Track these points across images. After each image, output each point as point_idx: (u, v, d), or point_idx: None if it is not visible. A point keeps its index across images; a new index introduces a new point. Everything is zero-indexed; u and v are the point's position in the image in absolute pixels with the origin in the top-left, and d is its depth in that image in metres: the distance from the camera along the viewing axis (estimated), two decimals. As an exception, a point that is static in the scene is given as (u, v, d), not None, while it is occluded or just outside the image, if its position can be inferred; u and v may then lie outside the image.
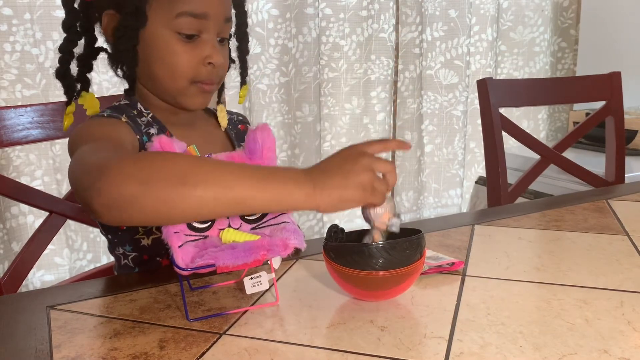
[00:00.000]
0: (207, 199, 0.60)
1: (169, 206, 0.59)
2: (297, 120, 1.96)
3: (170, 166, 0.60)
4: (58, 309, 0.71)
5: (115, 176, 0.58)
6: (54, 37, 1.59)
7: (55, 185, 1.66)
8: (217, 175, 0.61)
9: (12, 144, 0.98)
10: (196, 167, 0.61)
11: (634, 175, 1.84)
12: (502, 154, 1.41)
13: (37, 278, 1.69)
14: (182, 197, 0.59)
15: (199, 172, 0.60)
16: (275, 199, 0.62)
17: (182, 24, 0.78)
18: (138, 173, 0.59)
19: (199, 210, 0.60)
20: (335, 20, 1.97)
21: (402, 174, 2.17)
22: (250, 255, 0.64)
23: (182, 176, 0.59)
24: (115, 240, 0.88)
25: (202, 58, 0.80)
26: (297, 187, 0.62)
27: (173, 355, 0.59)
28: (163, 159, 0.61)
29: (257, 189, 0.61)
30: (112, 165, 0.60)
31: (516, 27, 2.30)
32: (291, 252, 0.66)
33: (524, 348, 0.58)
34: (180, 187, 0.59)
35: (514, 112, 2.33)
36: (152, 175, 0.59)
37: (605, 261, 0.82)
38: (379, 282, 0.67)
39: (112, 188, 0.58)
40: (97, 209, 0.59)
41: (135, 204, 0.58)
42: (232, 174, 0.62)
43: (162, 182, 0.59)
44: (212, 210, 0.61)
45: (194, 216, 0.62)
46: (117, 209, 0.59)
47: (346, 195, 0.63)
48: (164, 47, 0.79)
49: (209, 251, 0.64)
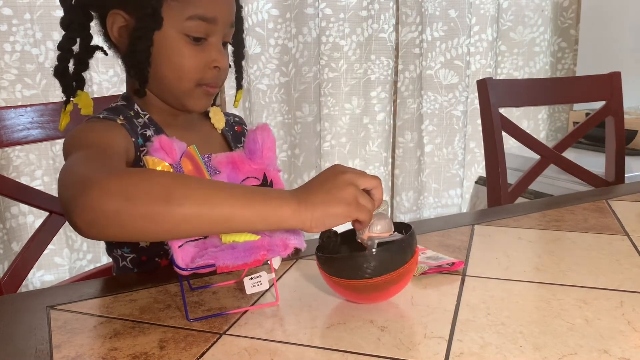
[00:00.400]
0: (191, 216, 0.59)
1: (152, 223, 0.58)
2: (297, 120, 1.96)
3: (154, 182, 0.60)
4: (58, 309, 0.71)
5: (99, 192, 0.58)
6: (54, 37, 1.59)
7: (55, 186, 1.66)
8: (201, 192, 0.60)
9: (12, 144, 0.98)
10: (181, 184, 0.60)
11: (634, 175, 1.84)
12: (502, 154, 1.41)
13: (37, 278, 1.69)
14: (165, 214, 0.58)
15: (184, 189, 0.60)
16: (260, 216, 0.61)
17: (192, 27, 0.79)
18: (122, 189, 0.58)
19: (182, 227, 0.60)
20: (335, 20, 1.97)
21: (402, 174, 2.17)
22: (250, 256, 0.64)
23: (167, 193, 0.59)
24: (113, 242, 0.88)
25: (209, 61, 0.81)
26: (282, 204, 0.62)
27: (173, 355, 0.59)
28: (149, 176, 0.61)
29: (242, 207, 0.61)
30: (97, 180, 0.59)
31: (516, 27, 2.30)
32: (291, 252, 0.67)
33: (524, 348, 0.58)
34: (164, 204, 0.58)
35: (514, 112, 2.33)
36: (136, 191, 0.58)
37: (605, 261, 0.82)
38: (372, 288, 0.66)
39: (95, 204, 0.57)
40: (78, 224, 0.58)
41: (117, 220, 0.58)
42: (216, 191, 0.61)
43: (146, 198, 0.58)
44: (197, 227, 0.60)
45: (178, 233, 0.61)
46: (98, 225, 0.58)
47: (330, 210, 0.62)
48: (172, 48, 0.80)
49: (209, 251, 0.64)
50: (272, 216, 0.62)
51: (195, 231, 0.62)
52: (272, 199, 0.62)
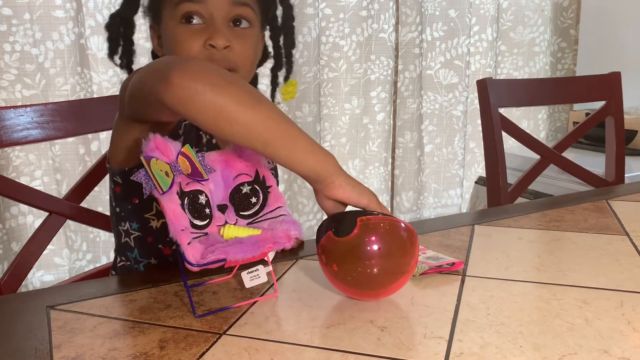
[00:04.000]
0: (268, 119, 0.67)
1: (237, 105, 0.66)
2: (296, 120, 1.96)
3: (245, 84, 0.70)
4: (58, 309, 0.71)
5: (202, 64, 0.68)
6: (54, 37, 1.58)
7: (55, 186, 1.66)
8: (279, 112, 0.69)
9: (12, 144, 0.98)
10: (265, 97, 0.70)
11: (634, 175, 1.84)
12: (502, 154, 1.41)
13: (36, 278, 1.69)
14: (255, 105, 0.67)
15: (268, 101, 0.69)
16: (314, 151, 0.70)
17: (181, 9, 0.80)
18: (222, 73, 0.68)
19: (255, 125, 0.67)
20: (335, 20, 1.97)
21: (402, 174, 2.17)
22: (257, 249, 0.66)
23: (258, 96, 0.68)
24: (123, 214, 0.86)
25: (204, 41, 0.80)
26: (332, 158, 0.71)
27: (173, 355, 0.59)
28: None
29: (304, 137, 0.70)
30: (194, 60, 0.70)
31: (516, 27, 2.30)
32: (294, 243, 0.69)
33: (524, 348, 0.58)
34: (252, 98, 0.67)
35: (514, 112, 2.33)
36: (233, 79, 0.68)
37: (605, 261, 0.82)
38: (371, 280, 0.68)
39: (196, 72, 0.65)
40: (174, 79, 0.64)
41: (210, 95, 0.64)
42: (289, 119, 0.71)
43: (242, 88, 0.68)
44: (264, 133, 0.67)
45: (245, 128, 0.67)
46: (192, 91, 0.64)
47: (362, 185, 0.72)
48: (171, 38, 0.82)
49: (218, 246, 0.65)
50: (322, 157, 0.71)
51: (260, 134, 0.67)
52: (325, 149, 0.72)
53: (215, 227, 0.69)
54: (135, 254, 0.86)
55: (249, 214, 0.74)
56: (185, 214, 0.66)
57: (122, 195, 0.85)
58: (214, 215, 0.70)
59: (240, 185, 0.76)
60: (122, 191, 0.84)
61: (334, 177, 0.71)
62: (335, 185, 0.71)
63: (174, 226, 0.63)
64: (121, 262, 0.89)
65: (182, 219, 0.64)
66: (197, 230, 0.66)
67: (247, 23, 0.83)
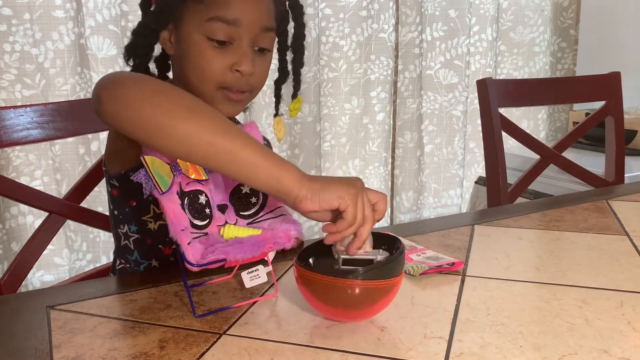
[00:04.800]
0: (204, 131, 0.63)
1: (169, 119, 0.63)
2: (296, 120, 1.96)
3: (184, 93, 0.67)
4: (58, 309, 0.71)
5: (135, 77, 0.66)
6: (54, 37, 1.58)
7: (55, 186, 1.66)
8: (222, 121, 0.65)
9: (12, 144, 0.98)
10: (206, 107, 0.66)
11: (634, 175, 1.84)
12: (502, 154, 1.41)
13: (36, 278, 1.69)
14: (186, 118, 0.63)
15: (209, 110, 0.66)
16: (264, 165, 0.64)
17: (213, 28, 0.77)
18: (155, 83, 0.66)
19: (190, 139, 0.63)
20: (335, 20, 1.97)
21: (402, 174, 2.17)
22: (258, 249, 0.66)
23: (194, 104, 0.65)
24: (121, 217, 0.86)
25: (231, 64, 0.78)
26: (289, 166, 0.65)
27: (173, 355, 0.59)
28: (179, 90, 0.68)
29: (250, 148, 0.64)
30: (132, 73, 0.68)
31: (516, 27, 2.30)
32: (294, 243, 0.69)
33: (524, 348, 0.58)
34: (187, 109, 0.64)
35: (514, 112, 2.33)
36: (165, 89, 0.65)
37: (605, 261, 0.82)
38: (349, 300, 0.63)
39: (127, 85, 0.65)
40: (103, 97, 0.64)
41: (139, 106, 0.63)
42: (234, 128, 0.65)
43: (174, 96, 0.65)
44: (200, 147, 0.63)
45: (181, 143, 0.63)
46: (121, 103, 0.64)
47: (329, 186, 0.65)
48: (195, 50, 0.79)
49: (218, 246, 0.65)
50: (275, 170, 0.64)
51: (197, 149, 0.63)
52: (281, 159, 0.66)
53: (215, 227, 0.69)
54: (135, 256, 0.86)
55: (249, 214, 0.74)
56: (185, 214, 0.66)
57: (119, 198, 0.85)
58: (214, 215, 0.70)
59: (240, 185, 0.76)
60: (119, 194, 0.84)
61: (296, 191, 0.64)
62: (300, 199, 0.65)
63: (174, 226, 0.63)
64: (120, 265, 0.88)
65: (182, 219, 0.65)
66: (197, 230, 0.66)
67: (269, 47, 0.83)
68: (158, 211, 0.82)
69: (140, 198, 0.82)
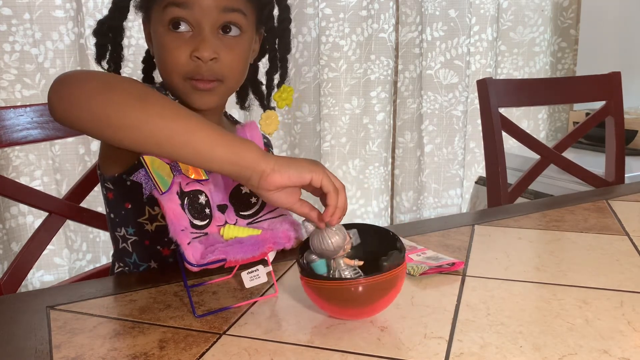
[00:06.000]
0: (157, 117, 0.62)
1: (119, 111, 0.61)
2: (296, 120, 1.96)
3: (134, 83, 0.65)
4: (58, 309, 0.71)
5: (83, 73, 0.66)
6: (54, 37, 1.58)
7: (55, 186, 1.66)
8: (175, 107, 0.63)
9: (12, 144, 0.98)
10: (158, 94, 0.64)
11: (634, 175, 1.84)
12: (502, 154, 1.41)
13: (36, 278, 1.69)
14: (135, 106, 0.62)
15: (161, 97, 0.63)
16: (223, 142, 0.62)
17: (168, 14, 0.75)
18: (104, 76, 0.65)
19: (144, 127, 0.61)
20: (335, 20, 1.97)
21: (402, 174, 2.17)
22: (257, 249, 0.66)
23: (144, 93, 0.63)
24: (118, 220, 0.85)
25: (191, 52, 0.75)
26: (252, 145, 0.63)
27: (173, 355, 0.59)
28: (130, 80, 0.67)
29: (207, 129, 0.62)
30: (82, 71, 0.68)
31: (516, 27, 2.30)
32: (294, 243, 0.68)
33: (524, 348, 0.58)
34: (138, 99, 0.62)
35: (514, 112, 2.33)
36: (116, 81, 0.64)
37: (605, 261, 0.82)
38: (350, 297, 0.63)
39: (75, 80, 0.64)
40: (52, 98, 0.65)
41: (89, 100, 0.62)
42: (187, 112, 0.64)
43: (124, 88, 0.63)
44: (154, 133, 0.61)
45: (134, 131, 0.62)
46: (69, 98, 0.63)
47: (296, 161, 0.64)
48: (159, 42, 0.78)
49: (217, 247, 0.65)
50: (234, 147, 0.62)
51: (149, 135, 0.62)
52: (240, 138, 0.64)
53: (215, 227, 0.69)
54: (134, 258, 0.86)
55: (249, 214, 0.74)
56: (185, 214, 0.66)
57: (115, 201, 0.84)
58: (214, 215, 0.70)
59: (240, 185, 0.75)
60: (114, 197, 0.84)
61: (262, 165, 0.62)
62: (268, 173, 0.62)
63: (174, 226, 0.63)
64: (119, 268, 0.88)
65: (182, 219, 0.64)
66: (197, 230, 0.66)
67: (237, 30, 0.77)
68: (153, 213, 0.82)
69: (135, 200, 0.82)
